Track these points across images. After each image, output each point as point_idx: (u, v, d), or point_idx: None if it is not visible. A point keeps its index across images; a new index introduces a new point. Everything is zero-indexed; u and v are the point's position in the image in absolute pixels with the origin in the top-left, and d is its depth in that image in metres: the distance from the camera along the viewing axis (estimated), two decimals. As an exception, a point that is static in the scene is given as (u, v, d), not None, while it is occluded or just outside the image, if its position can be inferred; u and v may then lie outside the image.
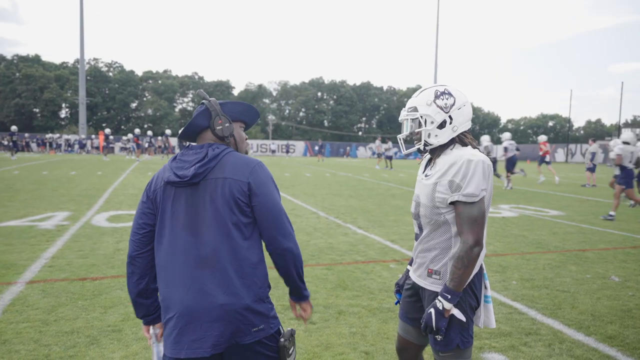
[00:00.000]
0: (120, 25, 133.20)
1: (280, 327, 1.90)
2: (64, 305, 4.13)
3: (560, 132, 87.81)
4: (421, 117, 2.11)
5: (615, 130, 65.81)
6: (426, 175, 2.16)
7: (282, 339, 1.85)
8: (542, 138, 19.45)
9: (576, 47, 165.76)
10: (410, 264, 2.36)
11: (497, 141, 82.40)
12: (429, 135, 2.11)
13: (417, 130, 2.14)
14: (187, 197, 1.82)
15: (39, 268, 5.20)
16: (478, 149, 2.11)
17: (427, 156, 2.26)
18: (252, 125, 2.10)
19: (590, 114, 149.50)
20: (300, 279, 1.96)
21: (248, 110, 2.00)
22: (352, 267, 5.57)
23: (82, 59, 48.34)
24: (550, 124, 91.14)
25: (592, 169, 18.09)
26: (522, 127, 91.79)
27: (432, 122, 2.09)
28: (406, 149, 2.23)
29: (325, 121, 79.35)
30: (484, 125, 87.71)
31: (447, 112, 2.08)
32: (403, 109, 2.25)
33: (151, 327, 1.99)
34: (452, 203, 2.01)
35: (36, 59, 68.90)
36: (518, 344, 3.57)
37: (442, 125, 2.09)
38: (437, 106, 2.09)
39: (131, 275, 1.90)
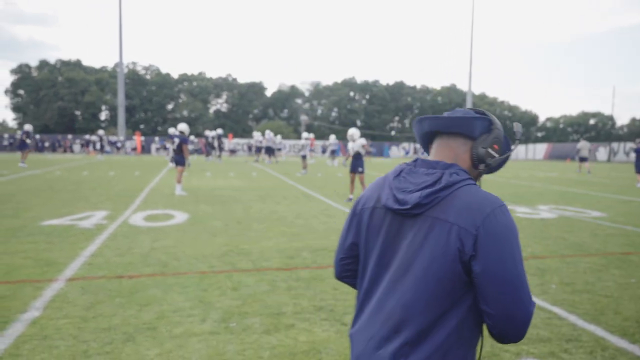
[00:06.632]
0: (156, 29, 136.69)
1: None
2: (102, 302, 4.24)
3: (602, 130, 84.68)
4: None
5: (662, 128, 62.95)
6: None
7: None
8: None
9: (618, 41, 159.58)
10: None
11: (535, 140, 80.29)
12: None
13: None
14: (403, 231, 1.37)
15: (79, 266, 5.37)
16: None
17: None
18: None
19: (636, 112, 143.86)
20: None
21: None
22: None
23: (121, 62, 49.80)
24: (592, 122, 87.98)
25: None
26: (561, 126, 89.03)
27: None
28: None
29: (358, 121, 79.06)
30: (521, 124, 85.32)
31: None
32: None
33: None
34: None
35: (77, 63, 71.33)
36: (558, 351, 3.44)
37: None
38: None
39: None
